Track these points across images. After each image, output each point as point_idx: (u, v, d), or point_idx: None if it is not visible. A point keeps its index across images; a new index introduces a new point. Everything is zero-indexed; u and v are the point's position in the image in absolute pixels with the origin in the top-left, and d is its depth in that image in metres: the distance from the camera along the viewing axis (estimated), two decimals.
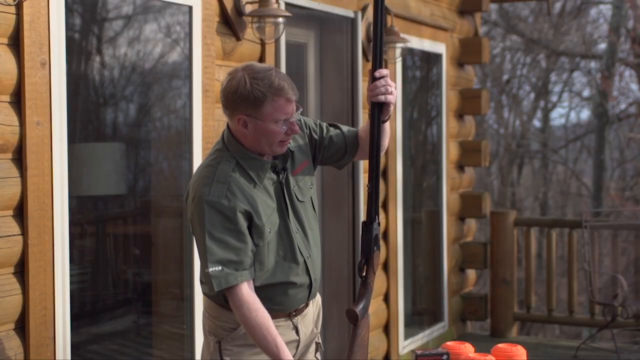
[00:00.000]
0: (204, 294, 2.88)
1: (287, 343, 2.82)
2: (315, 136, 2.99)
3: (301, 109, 2.80)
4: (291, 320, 2.88)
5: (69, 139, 3.43)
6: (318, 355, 3.05)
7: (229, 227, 2.67)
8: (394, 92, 2.84)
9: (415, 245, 6.67)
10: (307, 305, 2.95)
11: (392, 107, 2.89)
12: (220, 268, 2.66)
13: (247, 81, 2.68)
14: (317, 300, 3.08)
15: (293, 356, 2.86)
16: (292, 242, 2.84)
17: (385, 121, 2.90)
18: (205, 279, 2.70)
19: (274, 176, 2.81)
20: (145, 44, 4.39)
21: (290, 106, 2.72)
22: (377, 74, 2.79)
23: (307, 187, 2.92)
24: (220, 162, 2.75)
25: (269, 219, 2.77)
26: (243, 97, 2.68)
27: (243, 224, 2.69)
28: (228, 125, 2.81)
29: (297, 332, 2.90)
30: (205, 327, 2.89)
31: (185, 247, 4.25)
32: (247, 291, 2.69)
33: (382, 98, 2.80)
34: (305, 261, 2.88)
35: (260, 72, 2.70)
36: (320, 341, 3.08)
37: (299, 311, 2.91)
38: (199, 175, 2.77)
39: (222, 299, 2.79)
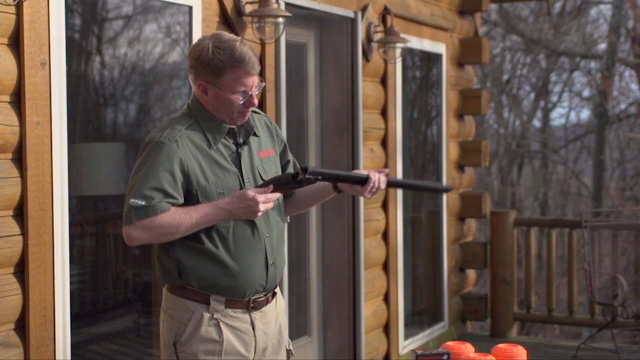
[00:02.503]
0: (159, 277, 2.86)
1: (238, 343, 2.79)
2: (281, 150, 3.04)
3: (264, 84, 2.85)
4: (249, 314, 2.82)
5: (69, 139, 3.43)
6: None
7: (167, 167, 2.68)
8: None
9: (415, 245, 6.67)
10: (267, 300, 2.88)
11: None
12: (143, 203, 2.65)
13: (210, 49, 2.74)
14: (281, 304, 3.00)
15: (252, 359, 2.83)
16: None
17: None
18: (126, 210, 2.68)
19: (233, 146, 2.83)
20: (145, 44, 4.39)
21: (250, 79, 2.77)
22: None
23: (270, 175, 2.90)
24: (181, 117, 2.81)
25: (221, 181, 2.77)
26: (204, 64, 2.74)
27: (179, 173, 2.70)
28: (194, 92, 2.87)
29: (254, 329, 2.83)
30: (164, 327, 2.84)
31: None
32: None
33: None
34: (263, 240, 2.84)
35: (225, 42, 2.75)
36: (291, 348, 3.02)
37: (257, 304, 2.84)
38: (156, 128, 2.84)
39: (176, 280, 2.77)
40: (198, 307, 2.77)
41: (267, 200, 2.71)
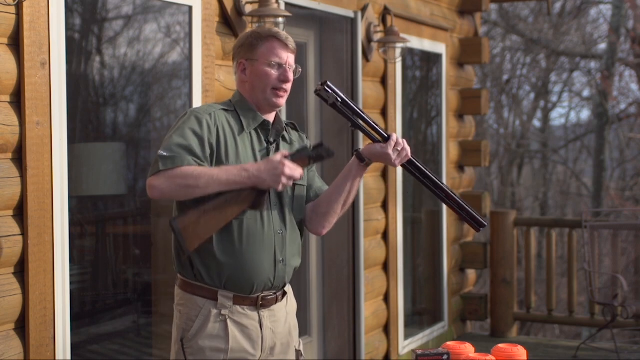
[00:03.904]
0: (175, 269, 2.88)
1: (245, 341, 2.79)
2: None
3: (300, 70, 2.93)
4: (258, 312, 2.82)
5: (69, 139, 3.44)
6: None
7: (198, 133, 2.73)
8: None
9: (415, 245, 6.67)
10: (276, 299, 2.89)
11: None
12: (169, 154, 2.66)
13: (249, 31, 2.93)
14: (292, 304, 3.01)
15: (260, 358, 2.83)
16: (267, 211, 2.82)
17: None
18: (152, 164, 2.70)
19: (264, 142, 2.87)
20: (145, 44, 4.39)
21: (285, 53, 2.87)
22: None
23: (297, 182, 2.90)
24: (218, 103, 2.91)
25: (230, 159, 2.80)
26: (243, 43, 2.89)
27: (206, 140, 2.73)
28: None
29: (261, 327, 2.83)
30: (174, 323, 2.87)
31: None
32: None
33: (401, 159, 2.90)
34: (274, 235, 2.83)
35: (264, 26, 2.99)
36: (301, 349, 3.01)
37: (266, 302, 2.84)
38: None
39: (189, 272, 2.79)
40: (206, 304, 2.78)
41: (292, 170, 2.70)
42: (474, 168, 7.59)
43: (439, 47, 6.66)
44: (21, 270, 3.26)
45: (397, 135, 2.95)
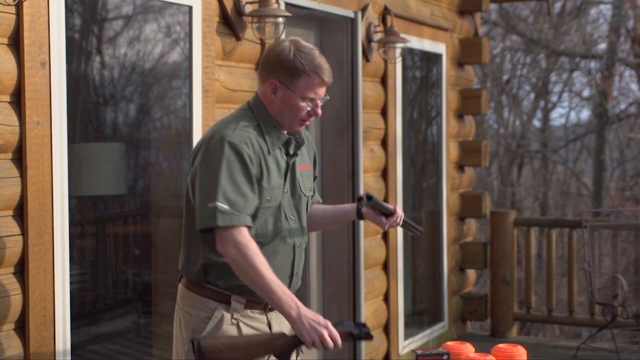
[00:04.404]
0: (181, 270, 2.85)
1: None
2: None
3: (328, 97, 2.87)
4: (266, 315, 2.85)
5: (69, 139, 3.43)
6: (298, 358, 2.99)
7: (245, 173, 2.69)
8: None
9: (415, 245, 6.67)
10: None
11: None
12: (226, 206, 2.64)
13: (291, 50, 2.77)
14: None
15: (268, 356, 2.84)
16: (286, 224, 2.84)
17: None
18: (208, 212, 2.65)
19: (285, 157, 2.85)
20: (145, 44, 4.39)
21: (322, 89, 2.80)
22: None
23: (307, 188, 2.94)
24: (243, 116, 2.80)
25: (273, 190, 2.78)
26: (283, 63, 2.76)
27: (253, 176, 2.71)
28: (257, 93, 2.87)
29: (270, 329, 2.85)
30: (180, 323, 2.85)
31: None
32: (247, 234, 2.66)
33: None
34: (294, 249, 2.86)
35: (306, 47, 2.79)
36: (301, 346, 3.04)
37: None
38: (220, 122, 2.82)
39: (201, 277, 2.78)
40: (218, 307, 2.79)
41: (333, 337, 2.62)
42: (474, 168, 7.59)
43: (439, 47, 6.66)
44: (21, 270, 3.26)
45: (400, 210, 3.10)
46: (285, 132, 2.84)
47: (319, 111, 2.82)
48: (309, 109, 2.79)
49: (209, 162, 2.70)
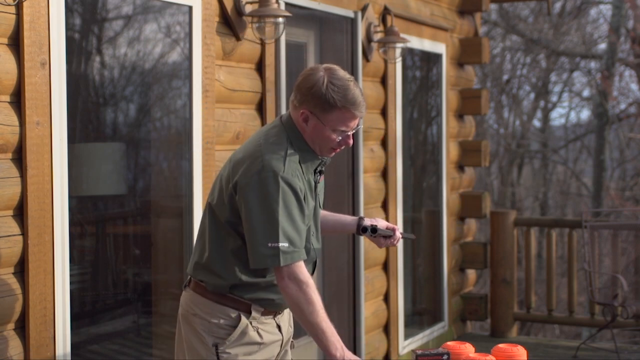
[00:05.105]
0: (200, 281, 2.87)
1: (273, 342, 2.90)
2: None
3: (361, 126, 2.91)
4: (274, 319, 2.93)
5: (69, 139, 3.43)
6: (290, 351, 3.12)
7: (299, 207, 2.73)
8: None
9: (415, 245, 6.67)
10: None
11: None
12: (287, 245, 2.69)
13: (324, 83, 2.76)
14: None
15: (277, 354, 2.95)
16: (313, 241, 2.93)
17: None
18: (269, 252, 2.69)
19: (313, 177, 2.89)
20: (145, 44, 4.39)
21: (355, 122, 2.81)
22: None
23: (322, 201, 3.02)
24: (283, 140, 2.80)
25: (310, 212, 2.84)
26: (316, 95, 2.76)
27: (305, 207, 2.76)
28: (290, 114, 2.87)
29: (280, 331, 2.95)
30: (198, 329, 2.87)
31: (185, 247, 4.25)
32: (305, 270, 2.74)
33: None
34: (314, 264, 2.97)
35: (340, 79, 2.78)
36: (292, 340, 3.14)
37: (283, 311, 2.99)
38: (263, 144, 2.79)
39: (225, 290, 2.82)
40: (239, 315, 2.84)
41: None
42: (474, 168, 7.59)
43: (439, 47, 6.66)
44: (21, 270, 3.26)
45: (398, 233, 3.15)
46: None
47: (350, 142, 2.84)
48: (339, 139, 2.81)
49: (264, 199, 2.71)
